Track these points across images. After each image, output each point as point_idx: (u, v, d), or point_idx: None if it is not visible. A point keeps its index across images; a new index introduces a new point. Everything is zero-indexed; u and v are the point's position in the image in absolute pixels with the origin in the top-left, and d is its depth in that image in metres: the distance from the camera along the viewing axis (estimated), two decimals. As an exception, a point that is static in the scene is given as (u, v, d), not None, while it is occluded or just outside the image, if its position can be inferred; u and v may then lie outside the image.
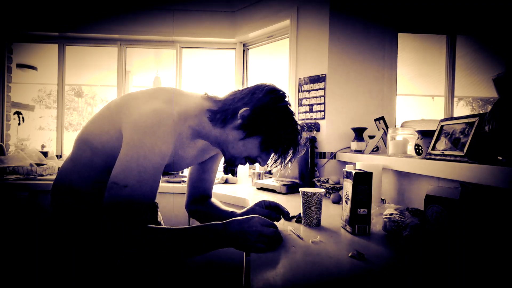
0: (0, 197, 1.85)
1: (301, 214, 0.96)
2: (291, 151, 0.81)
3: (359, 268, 0.61)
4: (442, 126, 0.92)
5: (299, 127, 0.81)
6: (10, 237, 1.85)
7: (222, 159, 1.00)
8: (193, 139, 0.84)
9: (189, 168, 1.07)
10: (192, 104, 0.79)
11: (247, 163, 0.84)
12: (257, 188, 1.76)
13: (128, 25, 2.51)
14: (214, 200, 1.08)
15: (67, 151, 2.72)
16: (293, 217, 1.02)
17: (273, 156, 0.82)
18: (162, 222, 1.06)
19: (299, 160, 1.64)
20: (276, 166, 0.83)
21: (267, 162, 0.83)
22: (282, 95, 0.79)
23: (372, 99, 1.93)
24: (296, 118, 0.81)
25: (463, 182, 0.73)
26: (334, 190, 1.47)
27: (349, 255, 0.67)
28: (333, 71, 1.91)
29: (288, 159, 0.82)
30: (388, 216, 0.83)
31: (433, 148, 0.92)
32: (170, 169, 0.87)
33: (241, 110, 0.76)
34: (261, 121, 0.76)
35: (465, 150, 0.77)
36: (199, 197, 1.06)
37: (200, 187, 1.06)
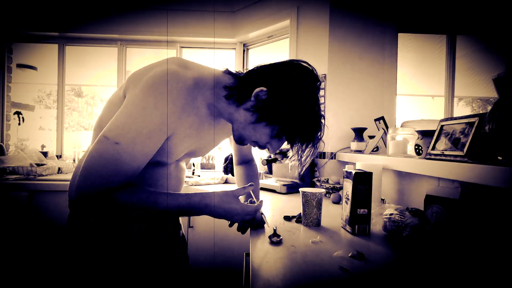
0: (0, 197, 1.85)
1: (301, 214, 0.96)
2: (307, 148, 0.70)
3: (359, 268, 0.61)
4: (442, 126, 0.92)
5: (322, 120, 0.70)
6: (9, 237, 1.85)
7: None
8: (214, 117, 0.75)
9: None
10: (208, 76, 0.70)
11: (256, 147, 0.76)
12: (257, 188, 1.76)
13: (128, 25, 2.51)
14: (254, 163, 1.18)
15: (67, 151, 2.72)
16: (293, 217, 1.02)
17: (289, 149, 0.73)
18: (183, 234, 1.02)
19: (299, 160, 1.64)
20: (292, 161, 0.74)
21: (278, 149, 0.74)
22: (312, 79, 0.68)
23: (372, 99, 1.93)
24: (321, 108, 0.70)
25: (463, 182, 0.73)
26: (334, 190, 1.47)
27: (349, 255, 0.67)
28: (333, 71, 1.91)
29: (304, 157, 0.71)
30: (388, 216, 0.83)
31: (433, 148, 0.92)
32: (193, 155, 0.84)
33: (257, 90, 0.65)
34: (276, 109, 0.65)
35: (465, 150, 0.77)
36: (242, 161, 1.16)
37: (241, 153, 1.14)
